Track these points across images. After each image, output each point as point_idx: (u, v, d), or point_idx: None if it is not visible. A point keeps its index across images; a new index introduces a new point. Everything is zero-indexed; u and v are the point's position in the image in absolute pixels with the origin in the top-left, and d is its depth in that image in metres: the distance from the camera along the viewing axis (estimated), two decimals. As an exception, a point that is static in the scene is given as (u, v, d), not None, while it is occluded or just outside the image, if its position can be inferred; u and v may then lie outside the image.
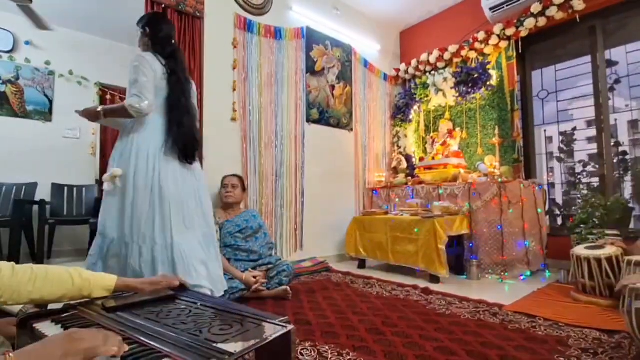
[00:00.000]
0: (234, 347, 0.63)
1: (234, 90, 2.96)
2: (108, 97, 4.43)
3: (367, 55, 4.14)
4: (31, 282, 0.85)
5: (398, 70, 4.36)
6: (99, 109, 1.81)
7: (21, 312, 1.29)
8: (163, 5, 2.53)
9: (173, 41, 1.94)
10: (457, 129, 3.75)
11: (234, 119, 2.95)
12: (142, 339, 0.69)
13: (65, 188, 3.91)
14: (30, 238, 3.47)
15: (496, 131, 3.35)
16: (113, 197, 1.74)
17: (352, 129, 3.91)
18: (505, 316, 1.88)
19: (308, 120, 3.49)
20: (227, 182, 2.64)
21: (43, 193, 3.66)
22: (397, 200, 3.64)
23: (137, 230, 1.68)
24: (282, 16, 3.38)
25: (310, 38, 3.55)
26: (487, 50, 3.55)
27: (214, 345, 0.64)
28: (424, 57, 4.01)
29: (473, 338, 1.58)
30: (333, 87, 3.73)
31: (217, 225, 2.47)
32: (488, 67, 3.49)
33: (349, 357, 1.40)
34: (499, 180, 2.93)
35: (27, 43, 3.92)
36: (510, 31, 3.32)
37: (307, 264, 3.18)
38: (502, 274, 2.77)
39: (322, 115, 3.62)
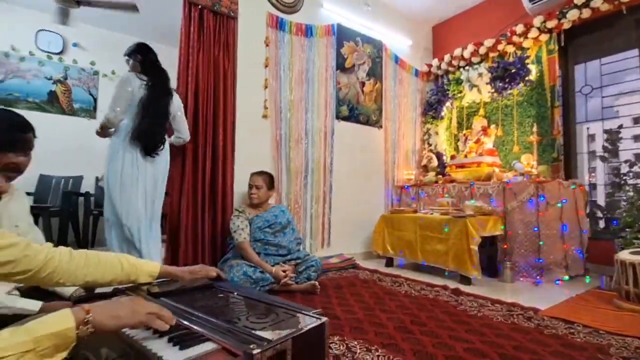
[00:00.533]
0: (272, 335, 0.66)
1: (266, 87, 3.02)
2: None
3: (398, 50, 4.09)
4: (86, 266, 0.93)
5: (430, 65, 4.26)
6: (98, 126, 2.25)
7: (73, 295, 1.40)
8: (200, 6, 2.62)
9: (157, 63, 2.35)
10: (492, 126, 3.63)
11: (265, 116, 3.01)
12: (185, 322, 0.74)
13: (108, 181, 4.15)
14: (76, 227, 3.72)
15: (534, 128, 3.20)
16: (109, 190, 2.17)
17: (381, 126, 3.88)
18: (540, 321, 1.82)
19: (337, 117, 3.50)
20: (251, 182, 2.62)
21: (88, 186, 3.92)
22: (426, 198, 3.58)
23: (127, 215, 2.13)
24: (313, 13, 3.40)
25: (341, 35, 3.55)
26: (526, 44, 3.39)
27: (253, 332, 0.68)
28: (457, 52, 3.90)
29: (506, 341, 1.54)
30: (363, 84, 3.72)
31: (246, 220, 2.54)
32: (527, 61, 3.34)
33: (377, 354, 1.41)
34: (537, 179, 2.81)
35: (74, 45, 4.19)
36: (551, 23, 3.16)
37: (335, 260, 3.21)
38: (538, 277, 2.66)
39: (351, 112, 3.62)
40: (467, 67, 3.90)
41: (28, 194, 3.66)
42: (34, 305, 1.06)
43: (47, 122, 3.96)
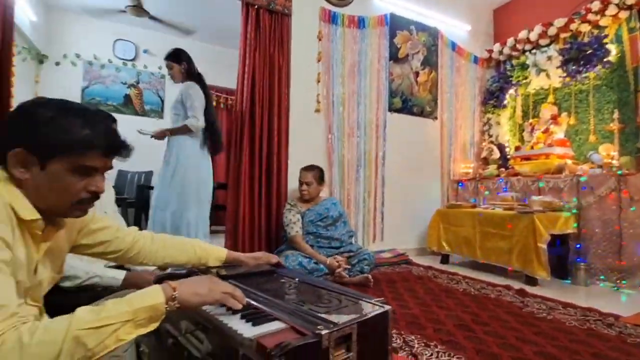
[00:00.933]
0: (337, 318, 0.67)
1: (318, 82, 3.05)
2: (206, 94, 4.95)
3: (456, 37, 3.88)
4: (164, 249, 1.02)
5: (491, 51, 3.99)
6: (167, 130, 2.46)
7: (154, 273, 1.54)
8: (256, 7, 2.71)
9: (196, 69, 2.58)
10: (564, 114, 3.30)
11: (317, 111, 3.05)
12: (254, 303, 0.78)
13: (174, 175, 4.51)
14: (147, 217, 4.09)
15: (615, 115, 2.86)
16: (183, 181, 2.42)
17: (436, 118, 3.72)
18: (623, 328, 1.63)
19: (390, 109, 3.43)
20: (301, 179, 2.63)
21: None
22: (486, 193, 3.38)
23: (184, 202, 2.38)
24: (366, 4, 3.35)
25: (394, 24, 3.46)
26: (603, 22, 3.03)
27: (318, 314, 0.70)
28: (522, 34, 3.59)
29: (582, 347, 1.41)
30: (417, 74, 3.59)
31: (298, 214, 2.59)
32: (605, 41, 2.98)
33: (437, 349, 1.37)
34: (618, 172, 2.51)
35: (145, 52, 4.59)
36: (631, -1, 2.79)
37: (387, 254, 3.17)
38: (619, 281, 2.39)
39: (404, 103, 3.52)
40: (533, 51, 3.58)
41: (108, 187, 4.10)
42: (120, 274, 1.20)
43: (123, 123, 4.36)
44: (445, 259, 3.21)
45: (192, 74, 2.52)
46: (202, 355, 0.73)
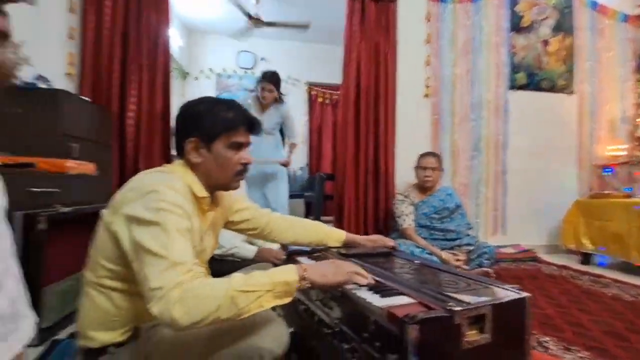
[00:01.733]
0: (468, 298, 0.66)
1: (427, 65, 2.91)
2: (313, 92, 5.25)
3: (597, -7, 3.20)
4: (292, 229, 1.15)
5: (650, 3, 3.17)
6: (291, 154, 2.79)
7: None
8: (362, -1, 2.74)
9: None
10: None
11: (426, 95, 2.92)
12: (378, 278, 0.82)
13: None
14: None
15: None
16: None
17: (572, 92, 3.16)
18: None
19: (512, 87, 3.05)
20: (425, 164, 2.44)
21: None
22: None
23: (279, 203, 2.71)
24: (479, -26, 3.04)
25: (515, -10, 3.05)
26: None
27: (445, 293, 0.69)
28: None
29: None
30: (546, 43, 3.10)
31: (411, 206, 2.50)
32: None
33: (579, 355, 1.20)
34: None
35: (262, 59, 5.09)
36: None
37: (509, 250, 2.88)
38: None
39: (530, 78, 3.09)
40: None
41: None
42: (253, 248, 1.46)
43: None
44: (586, 259, 2.72)
45: (279, 99, 2.74)
46: (332, 320, 0.80)
